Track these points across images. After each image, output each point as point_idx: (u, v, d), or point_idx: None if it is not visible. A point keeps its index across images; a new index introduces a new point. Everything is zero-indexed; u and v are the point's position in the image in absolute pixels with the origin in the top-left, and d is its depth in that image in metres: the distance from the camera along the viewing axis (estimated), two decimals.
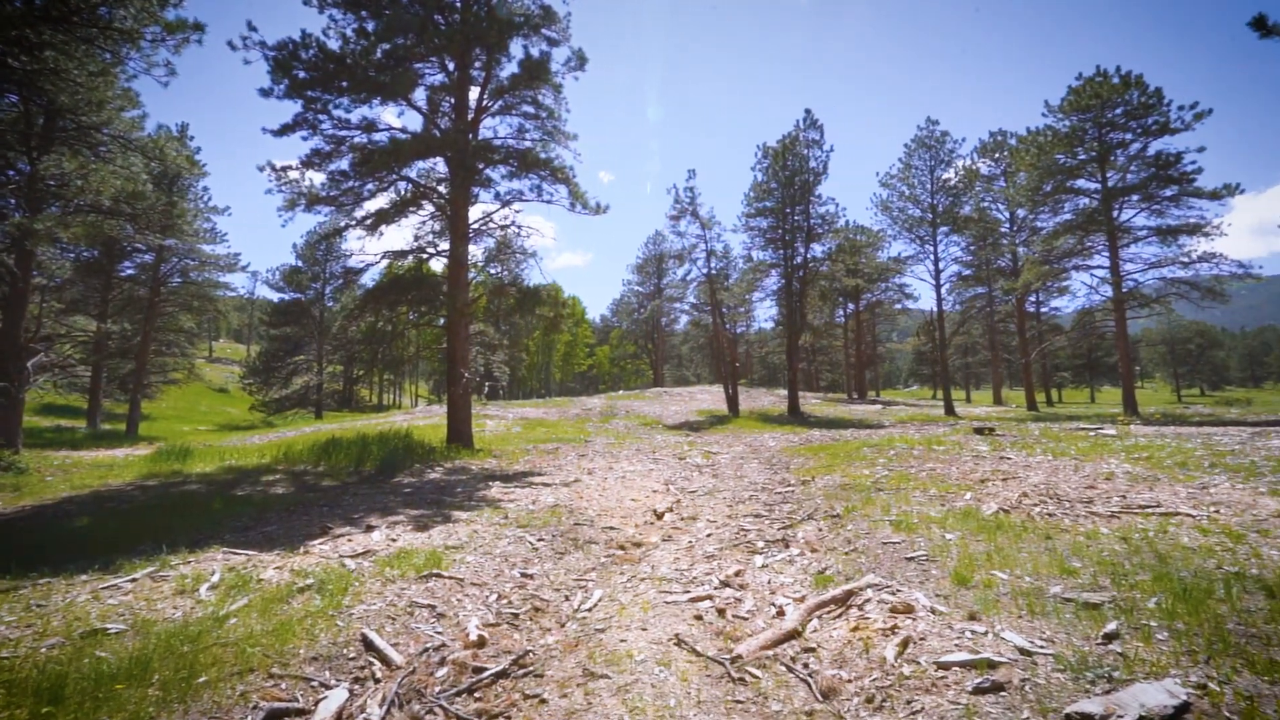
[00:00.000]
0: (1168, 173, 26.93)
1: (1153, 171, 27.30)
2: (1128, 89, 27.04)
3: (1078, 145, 28.61)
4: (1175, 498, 7.09)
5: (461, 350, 14.88)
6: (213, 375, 56.70)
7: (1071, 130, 28.69)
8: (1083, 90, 28.16)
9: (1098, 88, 27.60)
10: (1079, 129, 28.51)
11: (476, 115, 15.60)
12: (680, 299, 37.09)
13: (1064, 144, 28.71)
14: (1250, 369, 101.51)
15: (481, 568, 5.54)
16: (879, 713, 3.00)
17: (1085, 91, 28.00)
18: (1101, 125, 27.96)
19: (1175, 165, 26.80)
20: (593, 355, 75.79)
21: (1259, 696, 2.77)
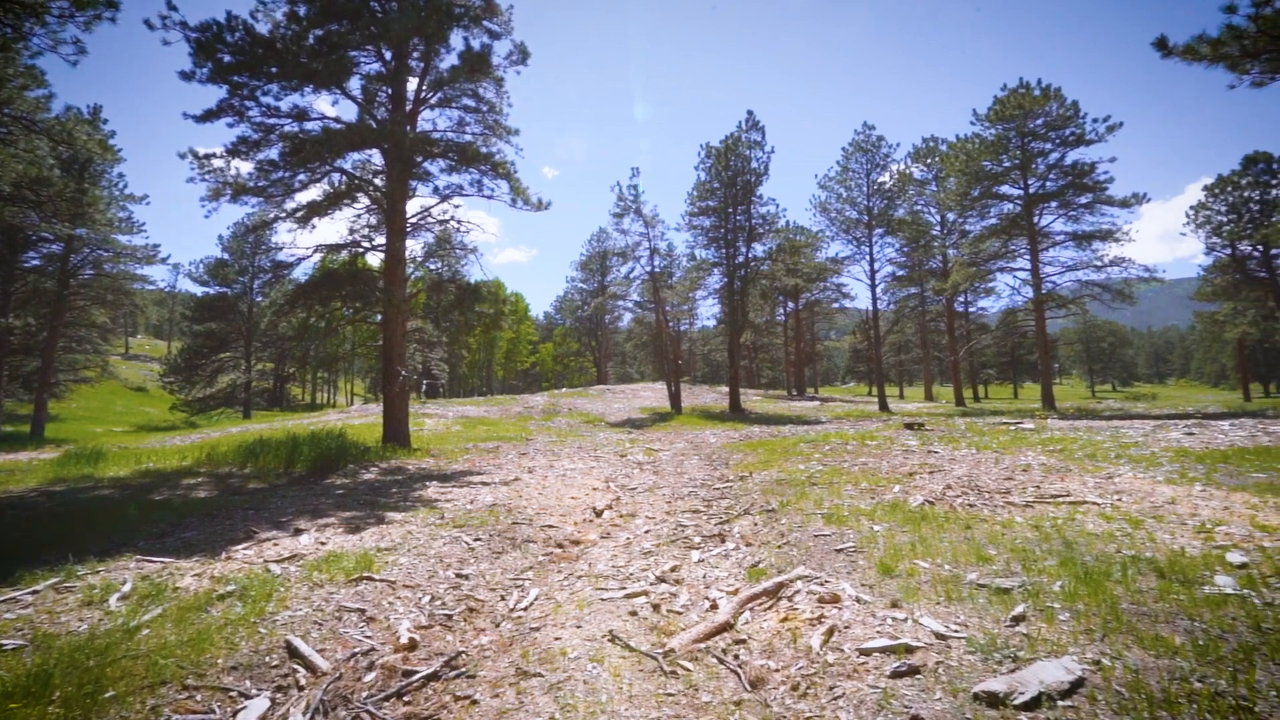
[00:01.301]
0: (1083, 181, 28.60)
1: (1069, 180, 28.93)
2: (1048, 101, 28.53)
3: (1002, 153, 30.03)
4: (1084, 487, 7.54)
5: (398, 347, 14.54)
6: (129, 373, 53.60)
7: (997, 139, 30.09)
8: (1007, 101, 29.55)
9: (1021, 99, 29.02)
10: (1004, 138, 29.92)
11: (415, 107, 15.24)
12: (624, 296, 37.21)
13: (990, 151, 30.09)
14: (1156, 366, 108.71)
15: (415, 569, 5.44)
16: (803, 700, 3.10)
17: (1009, 102, 29.39)
18: (1024, 135, 29.42)
19: (1089, 174, 28.48)
20: (536, 353, 75.13)
21: (1144, 670, 2.98)
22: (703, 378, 68.53)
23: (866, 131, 35.71)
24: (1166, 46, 10.49)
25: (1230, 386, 74.88)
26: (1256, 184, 38.53)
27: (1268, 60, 9.81)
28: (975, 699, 2.84)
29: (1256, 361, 52.98)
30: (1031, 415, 21.87)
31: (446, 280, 16.93)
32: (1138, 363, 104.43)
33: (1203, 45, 10.12)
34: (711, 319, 49.98)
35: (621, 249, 33.91)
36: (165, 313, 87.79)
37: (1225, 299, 40.67)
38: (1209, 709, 2.64)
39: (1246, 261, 39.00)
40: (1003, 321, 39.48)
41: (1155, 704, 2.70)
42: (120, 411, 40.96)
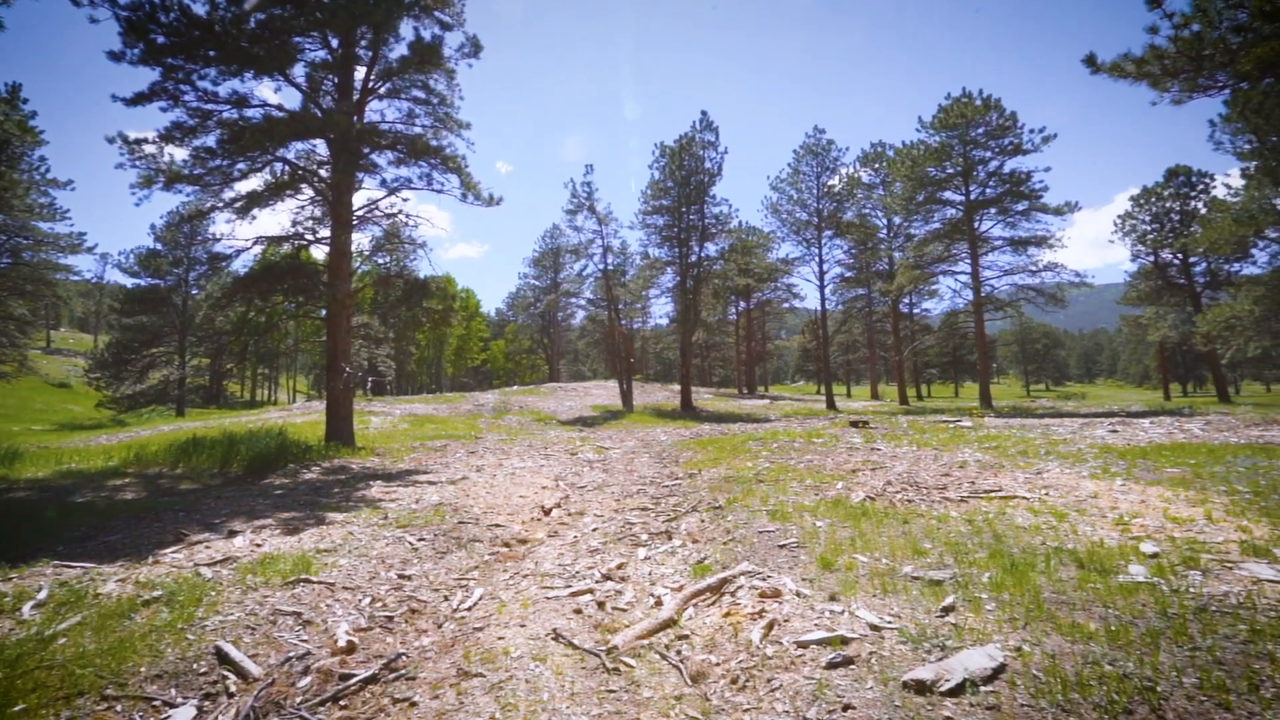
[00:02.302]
0: (1020, 189, 29.78)
1: (1007, 187, 30.09)
2: (988, 111, 29.59)
3: (946, 160, 31.01)
4: (1015, 482, 7.88)
5: (343, 343, 14.16)
6: (51, 369, 50.69)
7: (941, 146, 31.05)
8: (951, 109, 30.53)
9: (963, 108, 30.02)
10: (947, 145, 30.91)
11: (362, 97, 14.85)
12: (577, 294, 37.16)
13: (934, 158, 31.04)
14: (1086, 366, 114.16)
15: (356, 571, 5.32)
16: (742, 692, 3.16)
17: (953, 111, 30.37)
18: (966, 143, 30.45)
19: (1026, 183, 29.68)
20: (487, 350, 74.14)
21: (1060, 655, 3.15)
22: (655, 376, 68.82)
23: (817, 135, 36.42)
24: (1095, 63, 10.98)
25: (1152, 386, 79.22)
26: (1177, 195, 40.82)
27: (1185, 79, 10.34)
28: (904, 687, 2.95)
29: (1176, 363, 56.19)
30: (970, 414, 22.70)
31: (394, 275, 16.58)
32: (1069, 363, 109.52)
33: (1128, 63, 10.61)
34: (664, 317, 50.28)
35: (575, 246, 33.84)
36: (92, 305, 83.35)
37: (1148, 304, 42.94)
38: (1116, 690, 2.80)
39: (1168, 269, 41.29)
40: (945, 323, 40.92)
41: (1069, 686, 2.85)
42: (40, 409, 38.71)
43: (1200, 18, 9.61)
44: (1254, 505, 6.14)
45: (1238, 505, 6.19)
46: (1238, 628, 3.38)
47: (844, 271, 44.24)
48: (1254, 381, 78.45)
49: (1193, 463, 8.70)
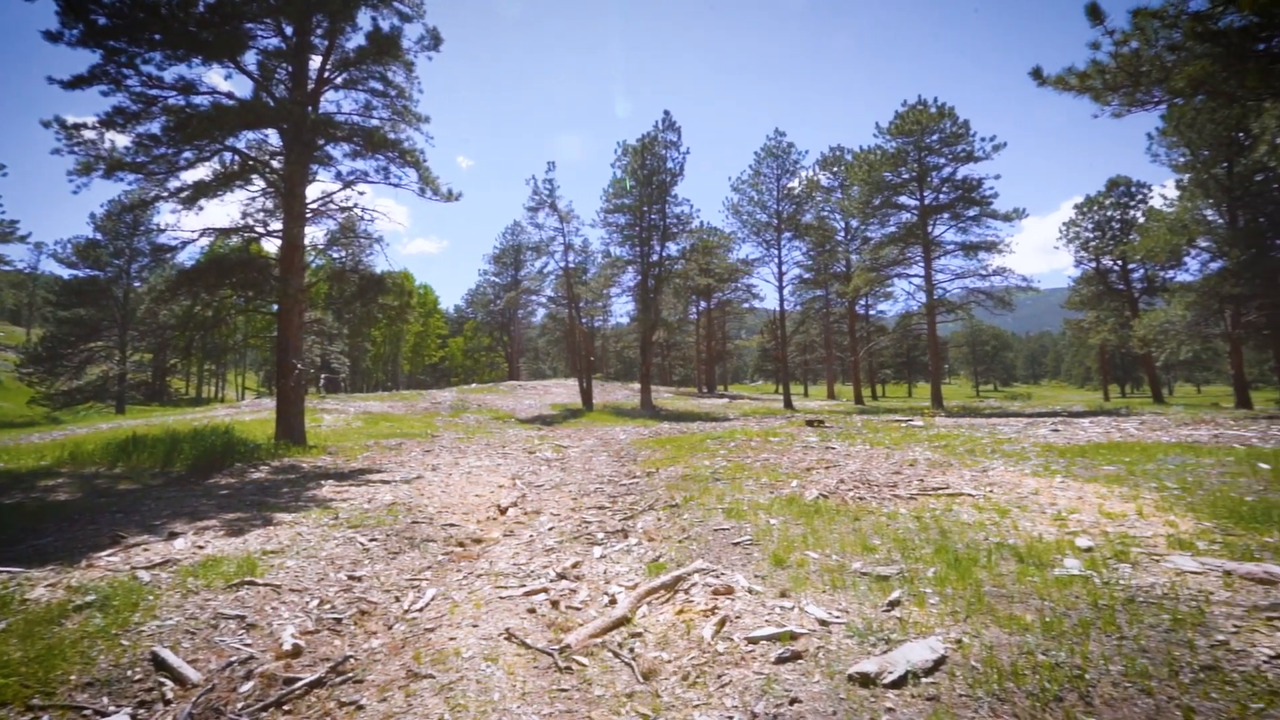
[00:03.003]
0: (971, 195, 30.72)
1: (960, 193, 31.00)
2: (942, 119, 30.43)
3: (902, 165, 31.79)
4: (961, 480, 8.12)
5: (294, 339, 13.79)
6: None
7: (897, 151, 31.82)
8: (906, 116, 31.30)
9: (919, 115, 30.81)
10: (903, 151, 31.68)
11: (318, 87, 14.47)
12: (537, 291, 36.87)
13: (890, 163, 31.79)
14: (1032, 368, 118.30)
15: (303, 572, 5.19)
16: (692, 689, 3.19)
17: (908, 118, 31.15)
18: (921, 149, 31.26)
19: (977, 189, 30.62)
20: (445, 347, 73.05)
21: (998, 646, 3.27)
22: (615, 374, 68.82)
23: (778, 138, 36.92)
24: (1041, 76, 11.37)
25: (1093, 387, 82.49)
26: (1118, 205, 42.63)
27: (1125, 94, 10.77)
28: (850, 680, 3.02)
29: (1115, 365, 58.67)
30: (922, 413, 23.30)
31: (349, 270, 16.20)
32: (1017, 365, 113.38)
33: (1071, 77, 11.01)
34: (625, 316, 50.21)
35: (536, 243, 33.68)
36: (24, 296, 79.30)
37: (1090, 308, 44.75)
38: (1048, 679, 2.92)
39: (1108, 275, 43.09)
40: (899, 324, 41.85)
41: (1004, 676, 2.96)
42: None
43: (1138, 35, 10.03)
44: (1181, 501, 6.46)
45: (1166, 501, 6.50)
46: (1161, 617, 3.56)
47: (803, 273, 44.98)
48: (1186, 383, 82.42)
49: (1127, 461, 9.10)
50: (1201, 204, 26.94)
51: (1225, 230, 25.74)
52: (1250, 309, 25.17)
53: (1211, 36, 8.98)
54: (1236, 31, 8.81)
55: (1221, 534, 5.20)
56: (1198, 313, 26.29)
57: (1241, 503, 6.18)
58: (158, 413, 29.28)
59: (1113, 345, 45.36)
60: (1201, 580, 4.16)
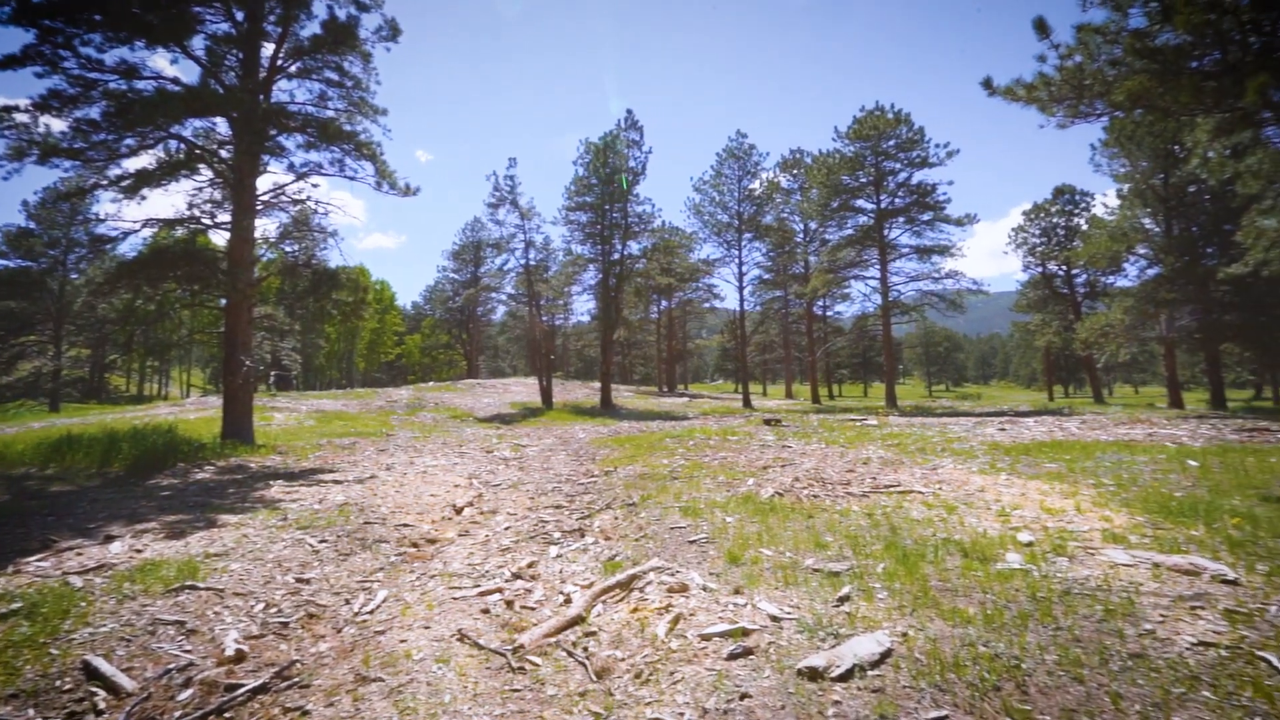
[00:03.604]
0: (926, 200, 31.50)
1: (915, 198, 31.76)
2: (898, 124, 31.11)
3: (859, 169, 32.40)
4: (912, 478, 8.33)
5: (243, 335, 13.36)
6: None
7: (855, 155, 32.42)
8: (864, 121, 31.91)
9: (876, 120, 31.44)
10: (860, 155, 32.30)
11: (270, 75, 14.04)
12: (498, 289, 36.42)
13: (848, 167, 32.37)
14: (982, 369, 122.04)
15: (248, 576, 5.04)
16: (645, 686, 3.20)
17: (866, 123, 31.76)
18: (878, 154, 31.91)
19: (931, 194, 31.41)
20: (402, 344, 71.62)
21: (942, 638, 3.37)
22: (576, 373, 68.52)
23: (739, 139, 37.24)
24: (991, 86, 11.71)
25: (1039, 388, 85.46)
26: (1063, 212, 44.22)
27: (1069, 106, 11.16)
28: (799, 674, 3.08)
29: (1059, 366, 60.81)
30: (876, 412, 23.82)
31: (302, 264, 15.77)
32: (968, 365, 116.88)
33: (1019, 88, 11.37)
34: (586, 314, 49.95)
35: (496, 240, 33.27)
36: None
37: (1036, 311, 46.33)
38: (988, 669, 3.02)
39: (1054, 279, 44.68)
40: (856, 325, 42.76)
41: (946, 667, 3.05)
42: None
43: (1082, 50, 10.42)
44: (1116, 497, 6.75)
45: (1103, 497, 6.78)
46: (1095, 608, 3.72)
47: (762, 273, 45.49)
48: (1125, 384, 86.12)
49: (1068, 458, 9.46)
50: (1140, 213, 28.14)
51: (1161, 238, 26.93)
52: (1183, 314, 26.39)
53: (1149, 53, 9.37)
54: (1171, 49, 9.22)
55: (1152, 528, 5.45)
56: (1135, 317, 27.46)
57: (1171, 498, 6.49)
58: (95, 411, 28.03)
59: (1057, 347, 47.05)
60: (1132, 572, 4.36)
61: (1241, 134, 10.28)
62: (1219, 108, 9.24)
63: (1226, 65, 8.80)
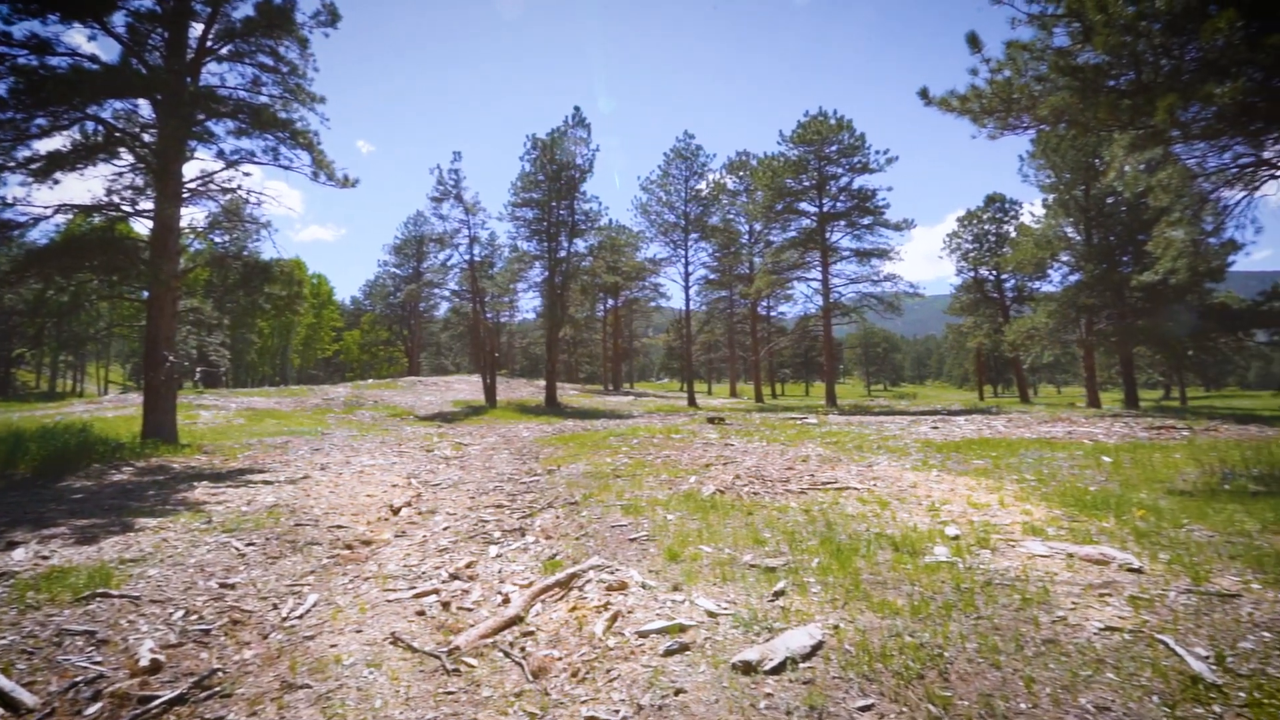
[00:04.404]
0: (866, 205, 32.46)
1: (855, 202, 32.69)
2: (841, 130, 31.92)
3: (803, 173, 33.12)
4: (849, 475, 8.56)
5: (166, 329, 12.72)
6: None
7: (799, 159, 33.12)
8: (808, 126, 32.62)
9: (819, 125, 32.18)
10: (804, 159, 33.02)
11: (198, 57, 13.40)
12: (441, 285, 35.71)
13: (792, 170, 33.05)
14: (918, 369, 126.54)
15: (168, 581, 4.80)
16: (582, 685, 3.20)
17: (810, 128, 32.48)
18: (821, 159, 32.68)
19: (871, 199, 32.39)
20: (340, 340, 69.42)
21: (871, 630, 3.47)
22: (521, 371, 67.84)
23: (687, 140, 37.54)
24: (928, 96, 12.12)
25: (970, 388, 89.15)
26: (994, 219, 46.22)
27: (998, 118, 11.64)
28: (733, 669, 3.12)
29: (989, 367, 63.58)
30: (816, 411, 24.40)
31: (232, 256, 15.11)
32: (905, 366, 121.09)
33: (953, 99, 11.80)
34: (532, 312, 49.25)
35: (440, 235, 32.60)
36: None
37: (968, 314, 48.29)
38: (913, 658, 3.13)
39: (985, 284, 46.66)
40: (798, 326, 43.66)
41: (874, 657, 3.15)
42: None
43: (1011, 65, 10.89)
44: (1037, 491, 7.10)
45: (1025, 491, 7.13)
46: (1013, 597, 3.90)
47: (708, 273, 45.94)
48: (1049, 384, 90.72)
49: (994, 455, 9.90)
50: (1063, 222, 29.64)
51: (1082, 247, 28.46)
52: (1101, 318, 27.96)
53: (1071, 71, 9.87)
54: (1091, 68, 9.73)
55: (1068, 520, 5.75)
56: (1058, 320, 28.95)
57: (1086, 492, 6.86)
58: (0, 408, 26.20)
59: (988, 349, 49.15)
60: (1049, 562, 4.59)
61: (1153, 150, 10.92)
62: (1133, 125, 9.78)
63: (1140, 85, 9.33)
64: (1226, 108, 8.18)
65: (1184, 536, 5.10)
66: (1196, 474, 7.77)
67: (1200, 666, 2.96)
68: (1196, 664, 2.98)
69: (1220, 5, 8.12)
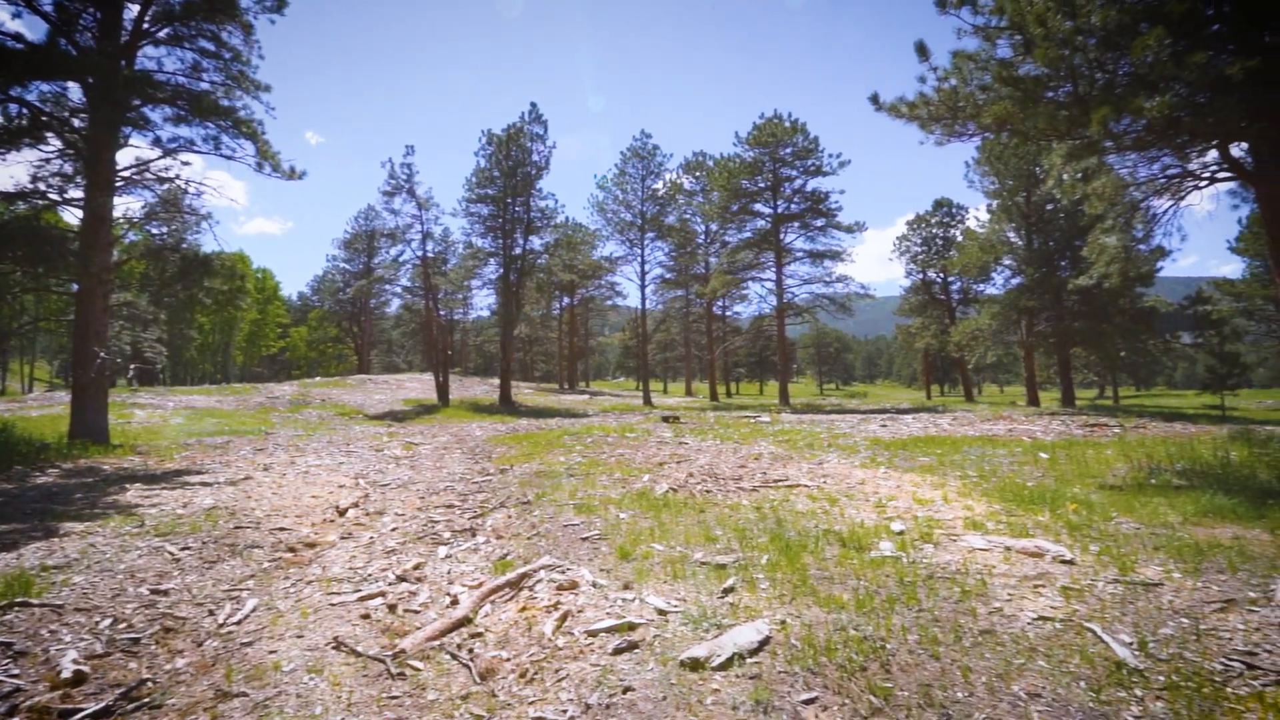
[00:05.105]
0: (819, 207, 33.04)
1: (809, 204, 33.25)
2: (795, 133, 32.42)
3: (758, 175, 33.54)
4: (800, 472, 8.70)
5: (97, 324, 12.11)
6: None
7: (754, 161, 33.52)
8: (763, 128, 33.04)
9: (774, 128, 32.62)
10: (759, 161, 33.43)
11: (134, 39, 12.80)
12: (392, 281, 34.83)
13: (748, 172, 33.43)
14: (869, 369, 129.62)
15: (94, 589, 4.57)
16: (530, 685, 3.17)
17: (765, 130, 32.89)
18: (776, 161, 33.14)
19: (825, 202, 32.98)
20: (286, 337, 67.30)
21: (817, 624, 3.54)
22: (475, 369, 66.87)
23: (644, 139, 37.61)
24: (878, 102, 12.40)
25: (919, 387, 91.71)
26: (941, 223, 47.65)
27: (945, 125, 11.98)
28: (681, 665, 3.14)
29: (936, 367, 65.53)
30: (770, 410, 24.76)
31: (170, 248, 14.49)
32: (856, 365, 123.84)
33: (902, 105, 12.09)
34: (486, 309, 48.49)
35: (391, 230, 31.90)
36: None
37: (917, 315, 49.68)
38: (856, 650, 3.20)
39: (932, 286, 48.07)
40: (753, 326, 44.22)
41: (819, 651, 3.21)
42: None
43: (957, 74, 11.22)
44: (978, 487, 7.34)
45: (967, 487, 7.36)
46: (953, 590, 4.02)
47: (665, 273, 46.17)
48: (992, 384, 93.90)
49: (939, 452, 10.20)
50: (1006, 227, 30.76)
51: (1023, 251, 29.58)
52: (1040, 320, 29.13)
53: (1013, 81, 10.23)
54: (1031, 79, 10.10)
55: (1006, 515, 5.96)
56: (1000, 322, 30.04)
57: (1024, 487, 7.13)
58: None
59: (934, 349, 50.61)
60: (987, 556, 4.75)
61: (1089, 160, 11.40)
62: (1070, 135, 10.20)
63: (1077, 97, 9.73)
64: (1155, 121, 8.59)
65: (1113, 529, 5.34)
66: (1126, 469, 8.16)
67: (1124, 652, 3.10)
68: (1121, 650, 3.12)
69: (1150, 23, 8.53)
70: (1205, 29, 9.37)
